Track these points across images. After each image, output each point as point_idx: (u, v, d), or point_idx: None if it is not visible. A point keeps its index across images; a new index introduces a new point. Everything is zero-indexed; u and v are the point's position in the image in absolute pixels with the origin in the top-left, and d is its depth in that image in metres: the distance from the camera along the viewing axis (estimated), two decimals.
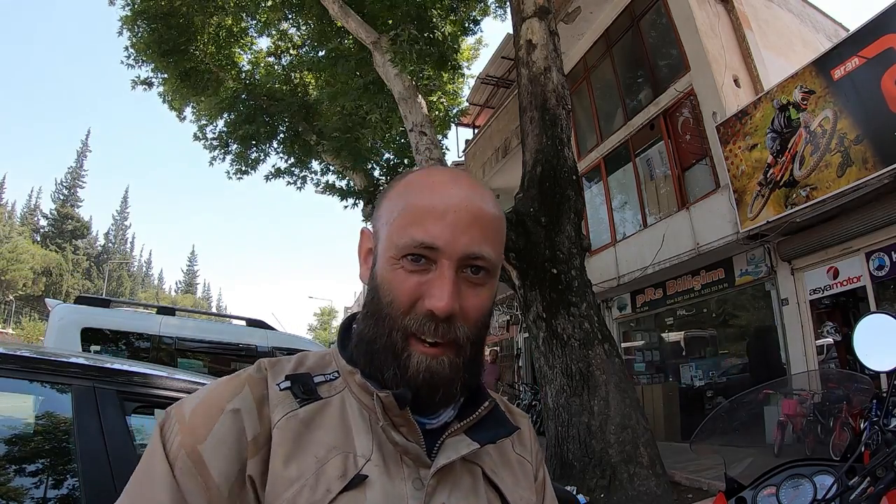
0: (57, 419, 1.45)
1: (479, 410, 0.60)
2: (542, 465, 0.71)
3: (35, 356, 1.50)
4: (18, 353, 1.50)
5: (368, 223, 0.67)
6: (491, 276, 0.59)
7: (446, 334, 0.55)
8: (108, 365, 1.59)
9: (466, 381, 0.59)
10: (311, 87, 11.56)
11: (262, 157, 12.08)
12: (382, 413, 0.55)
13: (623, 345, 10.02)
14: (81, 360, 1.58)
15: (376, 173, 12.15)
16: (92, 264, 53.08)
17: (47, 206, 53.80)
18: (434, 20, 8.09)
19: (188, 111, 11.68)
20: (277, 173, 12.28)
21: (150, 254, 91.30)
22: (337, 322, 46.82)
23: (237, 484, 0.51)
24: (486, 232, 0.57)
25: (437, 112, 10.68)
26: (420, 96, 7.87)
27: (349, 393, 0.59)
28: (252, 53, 11.67)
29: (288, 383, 0.58)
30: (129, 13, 9.53)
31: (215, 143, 11.63)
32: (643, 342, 10.31)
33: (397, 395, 0.54)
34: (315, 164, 12.80)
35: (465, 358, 0.58)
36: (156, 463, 0.52)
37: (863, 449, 1.22)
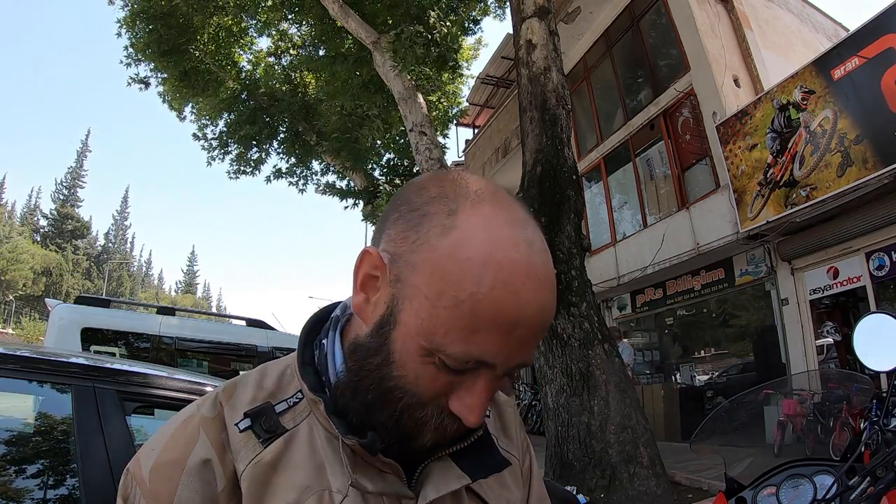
0: (57, 419, 1.45)
1: (471, 439, 0.53)
2: (529, 453, 0.66)
3: (35, 356, 1.50)
4: (18, 353, 1.50)
5: (370, 235, 0.57)
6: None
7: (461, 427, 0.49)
8: (108, 365, 1.59)
9: None
10: (310, 87, 11.57)
11: (263, 158, 12.10)
12: (351, 458, 0.49)
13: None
14: (81, 360, 1.58)
15: (376, 173, 12.17)
16: (92, 264, 53.10)
17: (47, 206, 53.90)
18: (434, 20, 8.09)
19: (188, 111, 11.69)
20: (278, 174, 12.29)
21: (150, 254, 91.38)
22: None
23: None
24: (543, 336, 0.48)
25: (436, 112, 10.68)
26: (420, 96, 7.88)
27: (315, 420, 0.52)
28: (252, 53, 11.68)
29: (248, 422, 0.50)
30: (127, 13, 9.54)
31: (215, 143, 11.64)
32: (643, 342, 10.32)
33: (366, 445, 0.48)
34: (315, 165, 12.83)
35: None
36: None
37: (863, 449, 1.22)
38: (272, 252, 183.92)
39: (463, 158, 15.31)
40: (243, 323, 5.66)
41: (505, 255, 0.44)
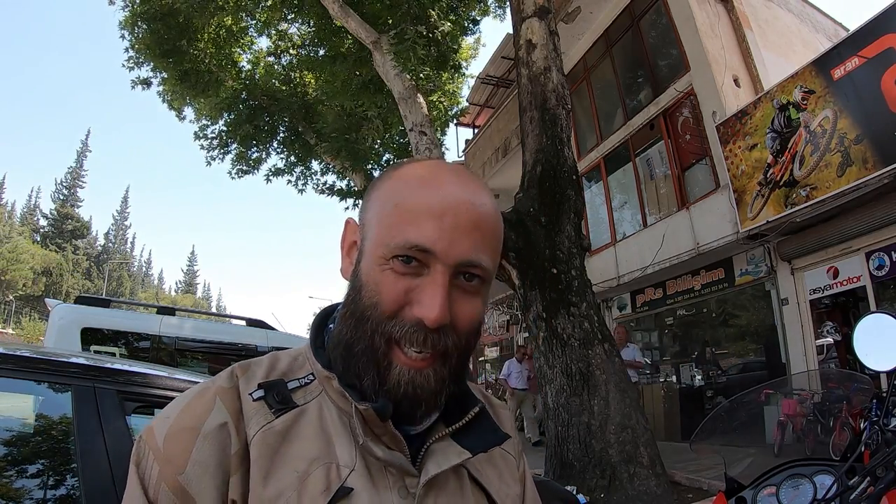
0: (57, 419, 1.45)
1: (468, 416, 0.57)
2: (522, 458, 0.69)
3: (35, 356, 1.50)
4: (18, 353, 1.50)
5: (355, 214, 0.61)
6: (485, 284, 0.55)
7: (435, 345, 0.52)
8: (108, 365, 1.59)
9: (451, 390, 0.55)
10: (310, 86, 11.57)
11: (263, 157, 12.10)
12: (363, 426, 0.52)
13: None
14: (81, 360, 1.58)
15: (376, 173, 12.16)
16: (92, 264, 53.07)
17: (47, 206, 53.87)
18: (434, 20, 8.09)
19: (188, 111, 11.69)
20: (278, 172, 12.30)
21: (150, 254, 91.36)
22: None
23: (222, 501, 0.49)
24: (486, 237, 0.53)
25: (436, 112, 10.68)
26: (420, 96, 7.87)
27: (326, 397, 0.55)
28: (252, 53, 11.68)
29: (261, 392, 0.53)
30: (128, 14, 9.53)
31: (215, 142, 11.64)
32: (643, 342, 10.31)
33: (378, 409, 0.51)
34: (315, 165, 12.83)
35: (452, 368, 0.54)
36: (136, 499, 0.49)
37: (863, 449, 1.22)
38: (272, 252, 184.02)
39: (463, 158, 15.31)
40: (243, 323, 5.65)
41: (431, 164, 0.56)
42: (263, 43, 14.49)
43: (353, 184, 12.31)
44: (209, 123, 11.66)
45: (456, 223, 0.51)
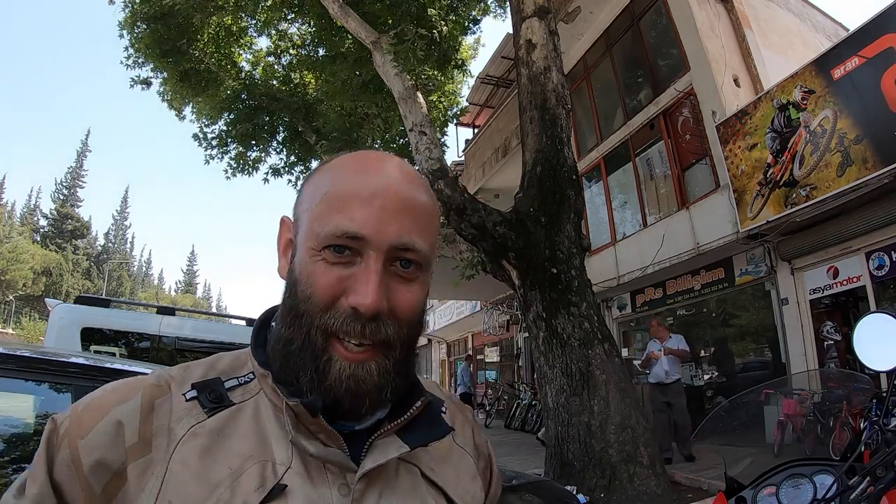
0: None
1: (411, 410, 0.55)
2: (487, 453, 0.67)
3: (35, 356, 1.50)
4: (18, 353, 1.50)
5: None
6: (423, 270, 0.54)
7: (375, 335, 0.50)
8: (108, 365, 1.59)
9: (397, 384, 0.54)
10: (310, 86, 11.57)
11: (262, 157, 12.09)
12: (294, 422, 0.50)
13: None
14: (81, 360, 1.58)
15: None
16: (92, 264, 53.06)
17: (47, 206, 53.84)
18: (434, 19, 8.08)
19: (188, 111, 11.69)
20: (276, 172, 12.29)
21: (150, 254, 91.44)
22: None
23: (109, 487, 0.49)
24: (417, 220, 0.52)
25: (436, 112, 10.68)
26: (420, 96, 7.87)
27: (264, 396, 0.54)
28: (251, 53, 11.68)
29: (194, 392, 0.53)
30: (128, 14, 9.53)
31: (214, 142, 11.64)
32: (643, 342, 10.31)
33: (307, 404, 0.50)
34: (315, 165, 12.81)
35: (395, 360, 0.53)
36: (42, 450, 0.51)
37: (863, 448, 1.22)
38: (273, 250, 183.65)
39: (463, 158, 15.31)
40: (243, 323, 5.65)
41: (361, 154, 0.56)
42: (263, 43, 14.44)
43: None
44: (210, 123, 11.66)
45: (384, 206, 0.51)
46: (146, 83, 10.57)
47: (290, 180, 12.65)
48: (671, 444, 6.32)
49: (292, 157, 12.29)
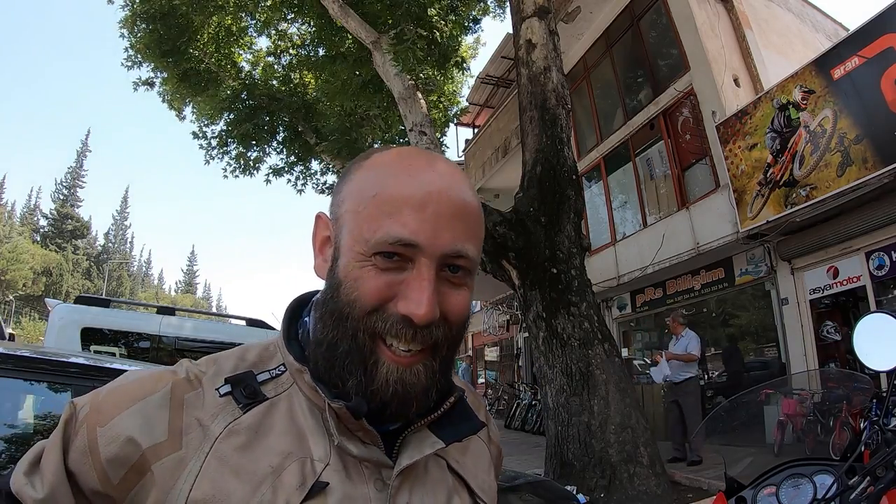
0: (57, 419, 1.45)
1: (445, 405, 0.54)
2: (498, 445, 0.68)
3: (35, 356, 1.50)
4: (18, 353, 1.50)
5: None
6: (471, 276, 0.53)
7: (425, 340, 0.50)
8: (108, 365, 1.60)
9: (441, 385, 0.53)
10: (310, 86, 11.58)
11: (262, 157, 12.09)
12: (336, 424, 0.50)
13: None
14: (81, 360, 1.58)
15: None
16: (92, 264, 53.04)
17: (47, 206, 53.82)
18: (434, 19, 8.08)
19: (188, 111, 11.69)
20: (277, 172, 12.29)
21: (150, 254, 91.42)
22: None
23: (127, 479, 0.48)
24: (469, 226, 0.51)
25: (436, 112, 10.68)
26: (420, 96, 7.87)
27: (297, 390, 0.53)
28: (251, 53, 11.68)
29: (228, 387, 0.51)
30: (128, 13, 9.53)
31: (214, 141, 11.64)
32: (643, 342, 10.31)
33: (351, 408, 0.49)
34: (315, 165, 12.83)
35: (442, 360, 0.52)
36: (58, 434, 0.50)
37: (863, 448, 1.22)
38: (272, 250, 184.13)
39: (463, 158, 15.31)
40: (243, 323, 5.65)
41: (405, 155, 0.53)
42: (263, 43, 14.43)
43: None
44: (209, 123, 11.66)
45: (438, 212, 0.49)
46: (149, 84, 10.58)
47: (289, 180, 12.67)
48: (683, 443, 6.28)
49: (292, 157, 12.30)
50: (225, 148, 11.67)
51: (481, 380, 17.32)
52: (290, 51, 11.47)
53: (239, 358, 0.55)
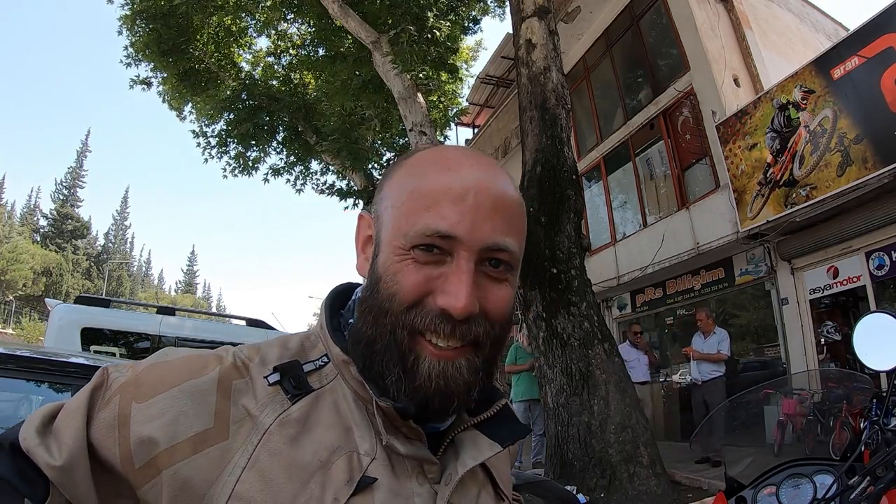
0: None
1: (495, 407, 0.54)
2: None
3: (35, 356, 1.50)
4: (18, 353, 1.50)
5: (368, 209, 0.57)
6: (513, 271, 0.52)
7: (465, 335, 0.48)
8: None
9: (484, 383, 0.52)
10: (310, 86, 11.58)
11: (262, 157, 12.09)
12: (384, 423, 0.49)
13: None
14: (81, 360, 1.58)
15: (376, 173, 12.17)
16: (92, 264, 53.03)
17: (47, 206, 53.84)
18: (433, 20, 8.09)
19: (187, 111, 11.69)
20: (276, 172, 12.30)
21: (150, 254, 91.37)
22: None
23: (154, 465, 0.44)
24: (509, 220, 0.50)
25: (436, 112, 10.68)
26: (420, 96, 7.88)
27: (342, 382, 0.52)
28: (251, 53, 11.68)
29: (277, 376, 0.50)
30: (128, 12, 9.53)
31: (213, 141, 11.64)
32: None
33: (399, 409, 0.48)
34: (315, 165, 12.84)
35: (484, 358, 0.51)
36: (83, 400, 0.47)
37: (863, 448, 1.22)
38: (272, 249, 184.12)
39: None
40: (243, 323, 5.65)
41: (444, 148, 0.54)
42: (263, 43, 14.42)
43: (352, 184, 12.30)
44: (209, 123, 11.66)
45: (478, 204, 0.48)
46: (146, 83, 10.57)
47: (289, 180, 12.67)
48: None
49: (292, 157, 12.30)
50: (224, 148, 11.67)
51: None
52: (290, 51, 11.48)
53: (282, 346, 0.54)
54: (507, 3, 7.67)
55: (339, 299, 0.59)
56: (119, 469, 0.45)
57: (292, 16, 9.98)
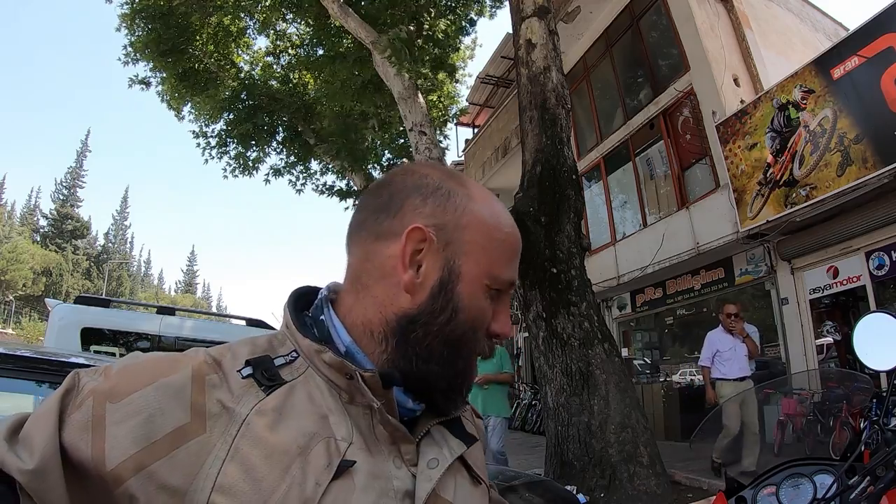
0: None
1: (463, 411, 0.64)
2: (476, 418, 0.72)
3: (35, 356, 1.50)
4: (18, 353, 1.50)
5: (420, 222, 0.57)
6: None
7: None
8: None
9: None
10: (309, 86, 11.56)
11: (262, 157, 12.08)
12: (371, 393, 0.52)
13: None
14: (81, 360, 1.58)
15: (375, 174, 12.16)
16: (92, 264, 53.03)
17: (47, 206, 53.85)
18: (432, 20, 8.08)
19: (187, 111, 11.67)
20: (277, 172, 12.28)
21: (150, 254, 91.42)
22: None
23: (128, 466, 0.44)
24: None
25: (436, 112, 10.68)
26: (420, 95, 7.87)
27: (313, 373, 0.54)
28: (250, 53, 11.66)
29: (249, 369, 0.51)
30: (127, 11, 9.52)
31: (213, 141, 11.62)
32: (643, 342, 10.31)
33: (384, 374, 0.52)
34: (314, 165, 12.82)
35: None
36: (53, 404, 0.46)
37: (863, 448, 1.22)
38: (272, 249, 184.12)
39: (462, 158, 15.31)
40: (243, 323, 5.65)
41: (492, 197, 0.62)
42: (262, 43, 14.41)
43: (352, 184, 12.29)
44: (208, 123, 11.64)
45: (517, 257, 0.61)
46: (145, 83, 10.55)
47: (290, 180, 12.65)
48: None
49: (292, 157, 12.28)
50: (224, 148, 11.65)
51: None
52: (290, 51, 11.46)
53: (251, 344, 0.56)
54: (506, 3, 7.66)
55: (302, 301, 0.61)
56: (93, 471, 0.45)
57: (291, 16, 9.96)
